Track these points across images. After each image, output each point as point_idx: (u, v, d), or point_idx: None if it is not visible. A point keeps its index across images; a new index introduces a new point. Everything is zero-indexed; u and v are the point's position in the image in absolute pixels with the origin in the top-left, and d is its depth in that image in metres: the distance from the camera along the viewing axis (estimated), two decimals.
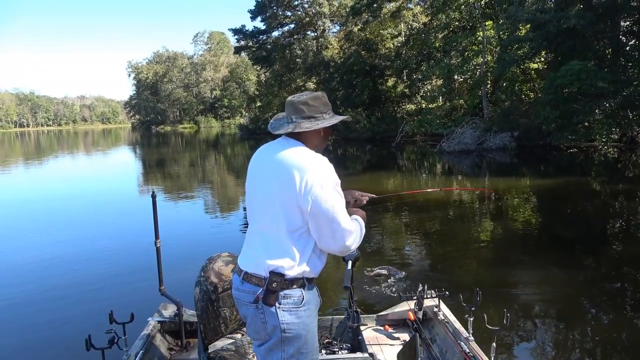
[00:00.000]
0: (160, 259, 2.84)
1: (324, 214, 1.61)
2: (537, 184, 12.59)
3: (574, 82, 15.53)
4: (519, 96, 22.78)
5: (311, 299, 1.72)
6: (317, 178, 1.61)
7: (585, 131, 16.91)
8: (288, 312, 1.65)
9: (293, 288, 1.66)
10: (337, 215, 1.63)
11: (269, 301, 1.64)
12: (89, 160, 29.00)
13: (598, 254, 6.23)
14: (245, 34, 41.78)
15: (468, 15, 24.32)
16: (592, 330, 4.08)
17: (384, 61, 30.58)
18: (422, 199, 11.29)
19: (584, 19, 15.84)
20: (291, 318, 1.65)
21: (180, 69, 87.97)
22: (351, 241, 1.70)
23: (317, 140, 1.79)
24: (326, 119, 1.74)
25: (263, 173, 1.75)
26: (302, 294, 1.68)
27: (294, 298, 1.66)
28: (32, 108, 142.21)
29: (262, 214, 1.73)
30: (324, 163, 1.67)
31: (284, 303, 1.65)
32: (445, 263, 6.21)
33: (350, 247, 1.71)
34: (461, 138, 20.43)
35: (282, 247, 1.66)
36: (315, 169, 1.63)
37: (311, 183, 1.60)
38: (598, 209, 9.31)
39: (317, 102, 1.75)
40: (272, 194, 1.68)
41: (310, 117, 1.72)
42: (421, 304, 3.03)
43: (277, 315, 1.64)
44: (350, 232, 1.68)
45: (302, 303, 1.67)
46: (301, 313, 1.67)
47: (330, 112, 1.77)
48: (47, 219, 9.95)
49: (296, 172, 1.62)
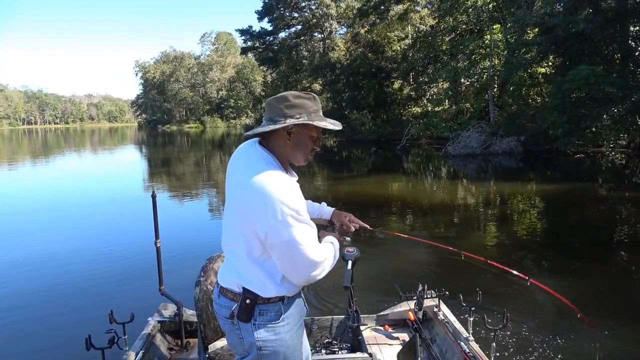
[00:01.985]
0: (160, 258, 2.83)
1: (281, 247, 1.44)
2: (543, 189, 12.49)
3: (582, 86, 15.40)
4: (526, 100, 22.66)
5: (292, 313, 1.58)
6: (270, 208, 1.40)
7: (592, 136, 16.76)
8: (264, 328, 1.52)
9: (270, 303, 1.53)
10: (298, 248, 1.43)
11: (243, 317, 1.52)
12: (94, 158, 29.15)
13: (603, 261, 6.15)
14: (252, 34, 41.92)
15: (475, 18, 24.24)
16: (593, 334, 4.03)
17: (390, 63, 30.55)
18: (428, 201, 11.26)
19: (593, 23, 15.72)
20: (267, 335, 1.52)
21: (187, 68, 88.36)
22: (318, 271, 1.52)
23: (284, 149, 1.55)
24: (284, 123, 1.49)
25: (229, 185, 1.59)
26: (281, 309, 1.54)
27: (271, 314, 1.53)
28: (40, 106, 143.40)
29: (226, 231, 1.60)
30: (278, 187, 1.42)
31: (259, 320, 1.52)
32: (446, 264, 6.18)
33: (317, 277, 1.55)
34: (467, 142, 20.34)
35: (249, 270, 1.52)
36: (269, 196, 1.40)
37: (265, 212, 1.40)
38: (605, 216, 9.21)
39: (281, 103, 1.51)
40: (232, 213, 1.55)
41: (270, 120, 1.52)
42: (421, 304, 3.03)
43: (252, 332, 1.52)
44: (316, 264, 1.49)
45: (280, 318, 1.53)
46: (279, 329, 1.53)
47: (304, 116, 1.51)
48: (47, 217, 9.94)
49: (250, 196, 1.44)
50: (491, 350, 2.32)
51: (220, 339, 2.58)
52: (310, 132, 1.56)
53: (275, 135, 1.55)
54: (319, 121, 1.54)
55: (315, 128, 1.55)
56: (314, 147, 1.60)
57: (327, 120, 1.56)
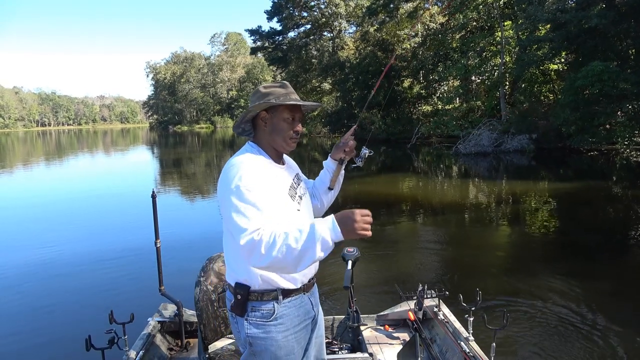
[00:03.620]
0: (160, 259, 2.83)
1: (226, 222, 1.45)
2: (555, 188, 12.30)
3: (595, 83, 15.17)
4: (538, 97, 22.39)
5: (289, 314, 1.57)
6: (221, 182, 1.47)
7: (606, 134, 16.50)
8: (255, 325, 1.54)
9: (263, 301, 1.54)
10: (234, 224, 1.39)
11: (237, 311, 1.56)
12: (106, 159, 29.47)
13: (616, 261, 6.01)
14: (262, 34, 42.01)
15: (486, 15, 24.01)
16: (595, 335, 3.97)
17: (400, 62, 30.38)
18: (438, 200, 11.15)
19: (607, 18, 15.46)
20: (258, 332, 1.54)
21: (198, 69, 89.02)
22: (261, 257, 1.33)
23: (265, 137, 1.62)
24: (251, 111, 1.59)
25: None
26: (274, 308, 1.54)
27: (263, 311, 1.54)
28: (54, 107, 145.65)
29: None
30: (234, 162, 1.48)
31: (252, 316, 1.54)
32: (446, 264, 6.15)
33: (261, 265, 1.37)
34: (478, 140, 20.14)
35: (235, 259, 1.56)
36: (224, 171, 1.48)
37: (220, 191, 1.47)
38: (619, 215, 9.02)
39: (254, 96, 1.62)
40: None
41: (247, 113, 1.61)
42: (421, 304, 3.03)
43: (245, 327, 1.55)
44: (252, 247, 1.34)
45: (272, 317, 1.53)
46: (271, 328, 1.53)
47: (272, 101, 1.55)
48: (48, 218, 10.00)
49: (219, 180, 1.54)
50: (491, 350, 2.32)
51: (220, 339, 2.57)
52: (282, 114, 1.59)
53: (257, 128, 1.65)
54: (283, 100, 1.55)
55: (285, 108, 1.58)
56: (292, 130, 1.61)
57: (292, 99, 1.57)
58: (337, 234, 1.33)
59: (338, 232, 1.33)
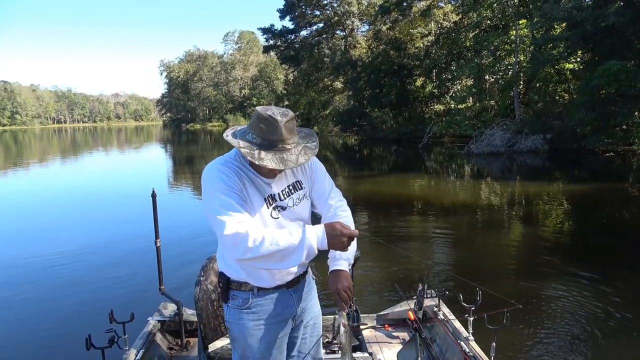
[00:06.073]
0: (160, 258, 2.84)
1: (210, 221, 1.51)
2: (570, 189, 12.08)
3: (611, 82, 14.89)
4: (553, 97, 22.04)
5: (264, 305, 1.65)
6: (203, 178, 1.57)
7: (623, 134, 16.19)
8: (232, 311, 1.67)
9: (241, 290, 1.65)
10: (214, 222, 1.46)
11: (223, 298, 1.68)
12: (120, 156, 29.80)
13: (632, 265, 5.86)
14: (274, 33, 42.08)
15: (501, 13, 23.70)
16: (597, 337, 3.91)
17: (412, 60, 30.18)
18: (450, 200, 11.03)
19: (624, 16, 15.14)
20: (233, 318, 1.66)
21: (211, 67, 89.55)
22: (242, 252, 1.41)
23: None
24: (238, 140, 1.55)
25: None
26: (249, 298, 1.64)
27: (239, 300, 1.65)
28: (69, 105, 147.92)
29: None
30: (209, 167, 1.57)
31: (231, 303, 1.66)
32: (446, 264, 6.10)
33: (245, 257, 1.43)
34: (490, 140, 19.89)
35: (220, 249, 1.68)
36: (206, 169, 1.58)
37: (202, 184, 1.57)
38: (636, 217, 8.82)
39: (254, 115, 1.58)
40: None
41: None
42: (421, 304, 3.04)
43: (226, 312, 1.69)
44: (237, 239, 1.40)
45: (246, 306, 1.64)
46: (244, 316, 1.64)
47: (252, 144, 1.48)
48: (49, 217, 10.00)
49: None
50: (491, 350, 2.32)
51: (220, 338, 2.57)
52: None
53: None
54: (258, 160, 1.44)
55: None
56: (270, 171, 1.57)
57: (268, 160, 1.44)
58: (324, 243, 1.45)
59: (325, 242, 1.44)
